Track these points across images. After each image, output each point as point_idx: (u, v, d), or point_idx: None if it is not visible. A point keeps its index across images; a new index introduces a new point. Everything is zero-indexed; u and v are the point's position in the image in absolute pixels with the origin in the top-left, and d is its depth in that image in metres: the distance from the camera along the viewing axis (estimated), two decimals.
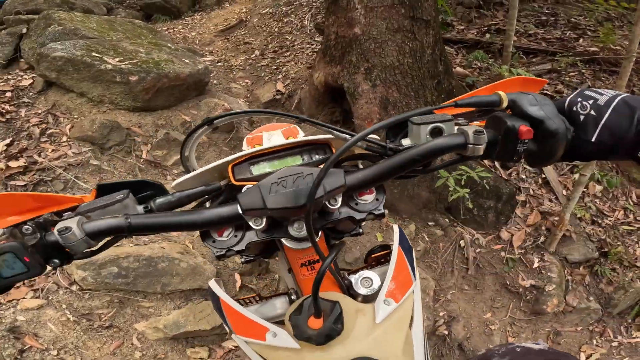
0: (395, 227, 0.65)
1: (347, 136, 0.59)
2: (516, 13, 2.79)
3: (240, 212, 0.50)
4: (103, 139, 2.17)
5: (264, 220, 0.52)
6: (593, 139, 0.51)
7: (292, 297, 0.68)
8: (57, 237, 0.45)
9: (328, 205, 0.53)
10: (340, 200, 0.53)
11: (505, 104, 0.53)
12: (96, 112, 2.32)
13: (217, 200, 0.62)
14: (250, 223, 0.52)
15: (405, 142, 0.59)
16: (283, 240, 0.59)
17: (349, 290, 0.60)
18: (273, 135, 1.09)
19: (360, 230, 0.81)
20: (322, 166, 0.48)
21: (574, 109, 0.52)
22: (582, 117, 0.52)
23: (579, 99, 0.52)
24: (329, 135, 0.60)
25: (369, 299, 0.57)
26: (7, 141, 2.01)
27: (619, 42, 3.37)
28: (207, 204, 0.64)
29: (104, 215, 0.51)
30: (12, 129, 2.11)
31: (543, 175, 2.56)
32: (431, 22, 2.35)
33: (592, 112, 0.51)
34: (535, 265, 2.17)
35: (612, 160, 1.36)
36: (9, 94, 2.30)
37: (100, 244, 0.53)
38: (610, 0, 3.03)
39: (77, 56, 2.31)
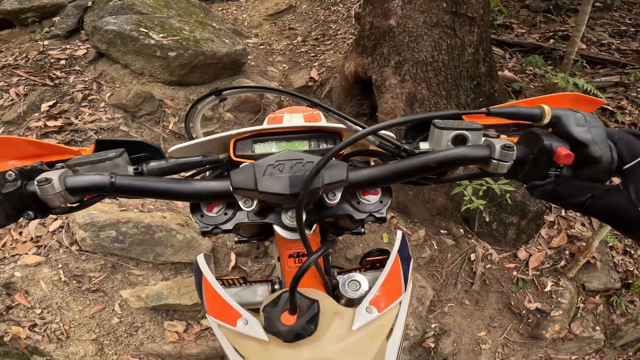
0: (399, 234, 0.59)
1: (359, 128, 0.51)
2: (586, 19, 2.38)
3: (231, 189, 0.44)
4: (136, 107, 2.18)
5: (255, 202, 0.46)
6: None
7: (275, 287, 0.62)
8: (35, 188, 0.41)
9: (326, 198, 0.47)
10: (339, 195, 0.47)
11: (547, 120, 0.44)
12: (136, 82, 2.35)
13: (212, 174, 0.57)
14: (240, 203, 0.46)
15: (424, 145, 0.52)
16: (275, 227, 0.54)
17: (335, 291, 0.53)
18: (294, 118, 0.99)
19: (362, 230, 0.75)
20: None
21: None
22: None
23: None
24: (342, 126, 0.54)
25: (353, 302, 0.52)
26: (51, 103, 2.08)
27: None
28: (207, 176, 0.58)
29: (92, 170, 0.46)
30: (58, 92, 2.19)
31: None
32: (477, 19, 2.06)
33: None
34: (547, 289, 1.89)
35: None
36: (62, 62, 2.38)
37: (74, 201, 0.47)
38: None
39: (126, 30, 2.33)
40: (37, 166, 0.44)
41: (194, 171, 0.57)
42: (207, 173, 0.59)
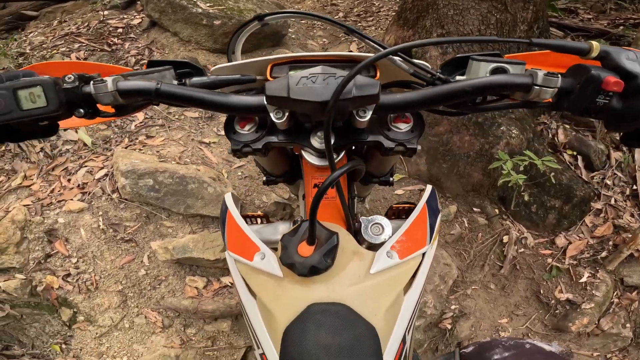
0: (428, 187, 0.57)
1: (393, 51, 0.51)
2: None
3: (265, 101, 0.45)
4: None
5: (286, 115, 0.46)
6: None
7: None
8: (91, 87, 0.45)
9: (356, 116, 0.45)
10: (369, 113, 0.45)
11: (595, 54, 0.43)
12: (183, 49, 2.41)
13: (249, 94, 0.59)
14: (272, 115, 0.46)
15: (460, 78, 0.51)
16: (303, 153, 0.55)
17: (357, 235, 0.51)
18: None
19: (391, 179, 0.75)
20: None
21: None
22: None
23: None
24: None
25: (374, 248, 0.49)
26: None
27: None
28: None
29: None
30: (115, 57, 2.30)
31: (634, 187, 1.97)
32: None
33: None
34: (583, 280, 1.74)
35: None
36: (120, 30, 2.50)
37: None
38: None
39: None
40: (95, 76, 0.48)
41: (233, 89, 0.58)
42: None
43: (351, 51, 2.63)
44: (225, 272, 1.56)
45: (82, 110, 0.46)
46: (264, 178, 0.80)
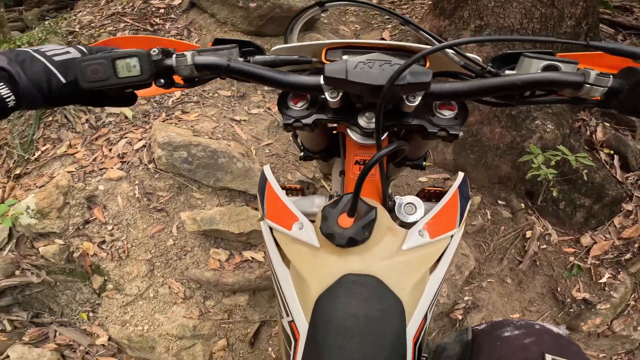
0: (460, 174, 0.58)
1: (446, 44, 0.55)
2: None
3: (322, 81, 0.48)
4: None
5: (339, 95, 0.49)
6: None
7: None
8: (173, 60, 0.50)
9: (406, 101, 0.48)
10: (419, 99, 0.47)
11: None
12: (219, 31, 2.47)
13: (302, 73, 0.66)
14: (327, 94, 0.49)
15: (509, 73, 0.53)
16: (348, 131, 0.57)
17: (390, 213, 0.54)
18: None
19: (424, 163, 0.79)
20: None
21: None
22: None
23: None
24: (427, 47, 0.57)
25: (406, 226, 0.51)
26: None
27: None
28: None
29: (213, 56, 0.57)
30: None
31: None
32: None
33: None
34: (603, 280, 1.70)
35: None
36: (162, 10, 2.58)
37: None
38: None
39: None
40: (173, 51, 0.54)
41: (287, 69, 0.62)
42: None
43: (383, 38, 2.60)
44: (247, 246, 1.62)
45: (162, 81, 0.51)
46: (301, 154, 0.84)
